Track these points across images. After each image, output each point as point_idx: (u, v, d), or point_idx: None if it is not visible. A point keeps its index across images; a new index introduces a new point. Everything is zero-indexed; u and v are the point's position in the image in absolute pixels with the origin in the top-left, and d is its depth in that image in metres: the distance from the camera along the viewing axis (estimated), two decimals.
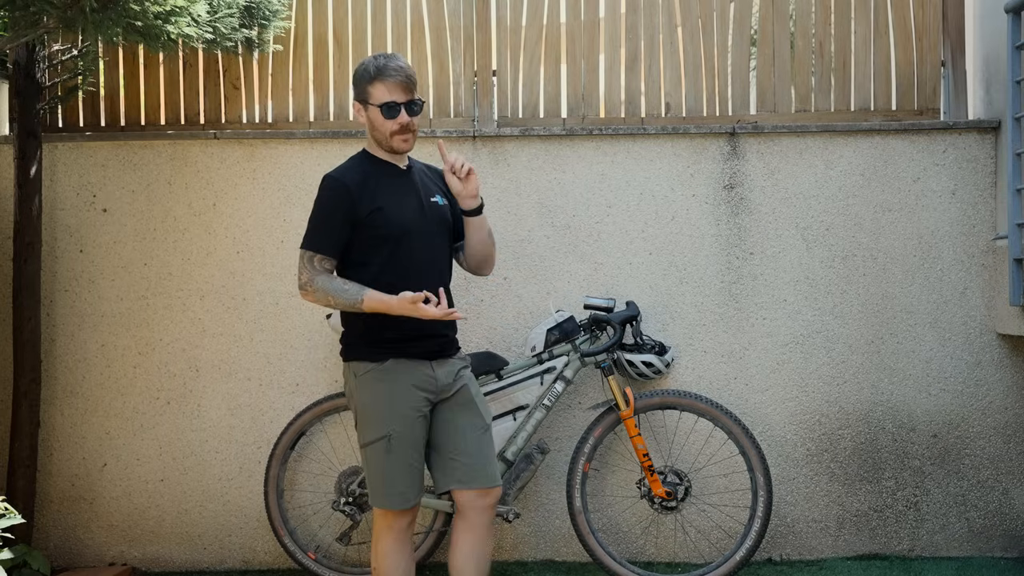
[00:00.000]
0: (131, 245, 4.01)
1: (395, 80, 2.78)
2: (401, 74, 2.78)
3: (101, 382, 4.00)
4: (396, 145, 2.84)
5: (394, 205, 2.83)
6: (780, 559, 3.93)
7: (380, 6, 4.16)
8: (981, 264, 3.92)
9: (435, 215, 2.91)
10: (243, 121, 4.16)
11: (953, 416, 3.92)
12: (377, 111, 2.80)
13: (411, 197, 2.88)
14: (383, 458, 2.79)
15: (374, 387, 2.81)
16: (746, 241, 3.95)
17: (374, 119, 2.82)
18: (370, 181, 2.83)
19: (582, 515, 3.65)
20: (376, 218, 2.79)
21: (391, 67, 2.78)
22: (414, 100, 2.81)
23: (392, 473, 2.79)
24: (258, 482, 3.97)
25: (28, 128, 3.80)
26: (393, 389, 2.79)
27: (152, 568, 4.00)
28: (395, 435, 2.78)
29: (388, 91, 2.78)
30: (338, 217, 2.80)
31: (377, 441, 2.79)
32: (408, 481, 2.80)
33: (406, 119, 2.80)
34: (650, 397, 3.71)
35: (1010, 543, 3.91)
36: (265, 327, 3.98)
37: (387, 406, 2.79)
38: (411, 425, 2.79)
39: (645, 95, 4.13)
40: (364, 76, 2.82)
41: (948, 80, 4.09)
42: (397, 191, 2.86)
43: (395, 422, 2.78)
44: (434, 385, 2.84)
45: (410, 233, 2.83)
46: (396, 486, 2.79)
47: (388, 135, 2.82)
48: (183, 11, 3.24)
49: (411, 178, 2.92)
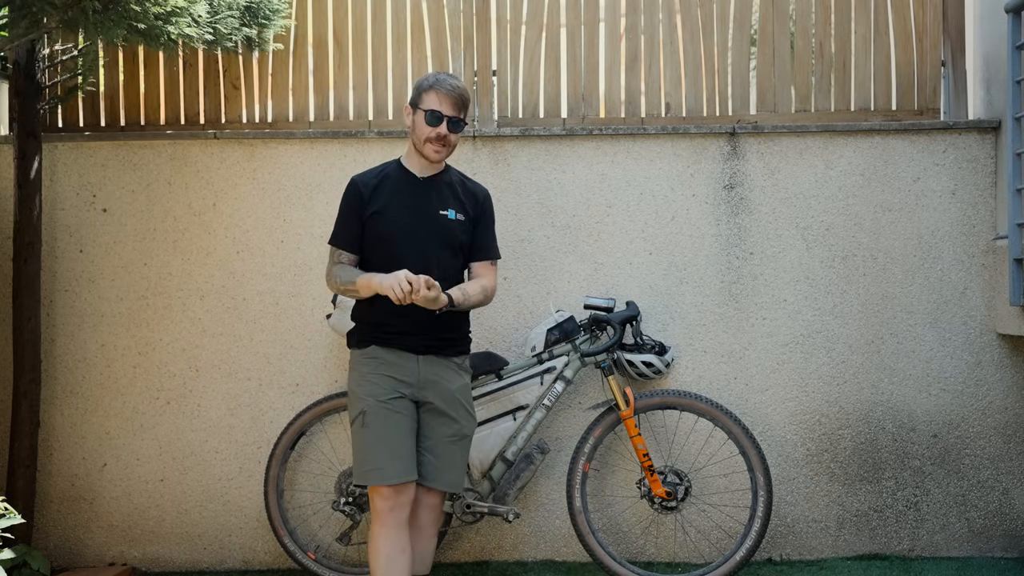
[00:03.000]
0: (131, 245, 4.01)
1: (448, 94, 2.95)
2: (456, 92, 2.96)
3: (101, 382, 4.00)
4: (427, 152, 2.97)
5: (395, 209, 2.97)
6: (780, 559, 3.93)
7: (380, 6, 4.16)
8: (981, 264, 3.92)
9: (439, 226, 3.00)
10: (243, 121, 4.16)
11: (953, 416, 3.92)
12: (422, 115, 2.96)
13: (418, 204, 2.99)
14: (360, 433, 2.91)
15: (356, 369, 3.00)
16: (746, 241, 3.95)
17: (417, 122, 2.98)
18: (384, 185, 3.01)
19: (582, 515, 3.65)
20: (375, 220, 2.97)
21: (449, 82, 2.97)
22: (460, 118, 2.98)
23: (369, 447, 2.88)
24: (258, 482, 3.97)
25: (28, 128, 3.80)
26: (370, 371, 2.95)
27: (152, 568, 4.00)
28: (369, 411, 2.90)
29: (438, 101, 2.95)
30: (350, 214, 3.01)
31: (356, 418, 2.94)
32: (385, 456, 2.86)
33: (444, 132, 2.95)
34: (650, 397, 3.71)
35: (1010, 543, 3.91)
36: (265, 327, 3.98)
37: (363, 385, 2.94)
38: (388, 403, 2.90)
39: (645, 95, 4.13)
40: (423, 82, 2.99)
41: (948, 80, 4.09)
42: (405, 197, 2.99)
43: (369, 399, 2.91)
44: (415, 378, 2.95)
45: (403, 237, 2.96)
46: (373, 460, 2.87)
47: (423, 140, 2.96)
48: (184, 11, 3.24)
49: (426, 187, 3.03)
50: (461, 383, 3.05)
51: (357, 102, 4.14)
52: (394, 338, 2.95)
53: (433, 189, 3.03)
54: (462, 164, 3.95)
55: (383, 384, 2.92)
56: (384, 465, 2.86)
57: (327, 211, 3.90)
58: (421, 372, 2.96)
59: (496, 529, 3.95)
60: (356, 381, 2.99)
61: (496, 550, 3.95)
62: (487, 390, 3.67)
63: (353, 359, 3.04)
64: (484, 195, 3.15)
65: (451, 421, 2.99)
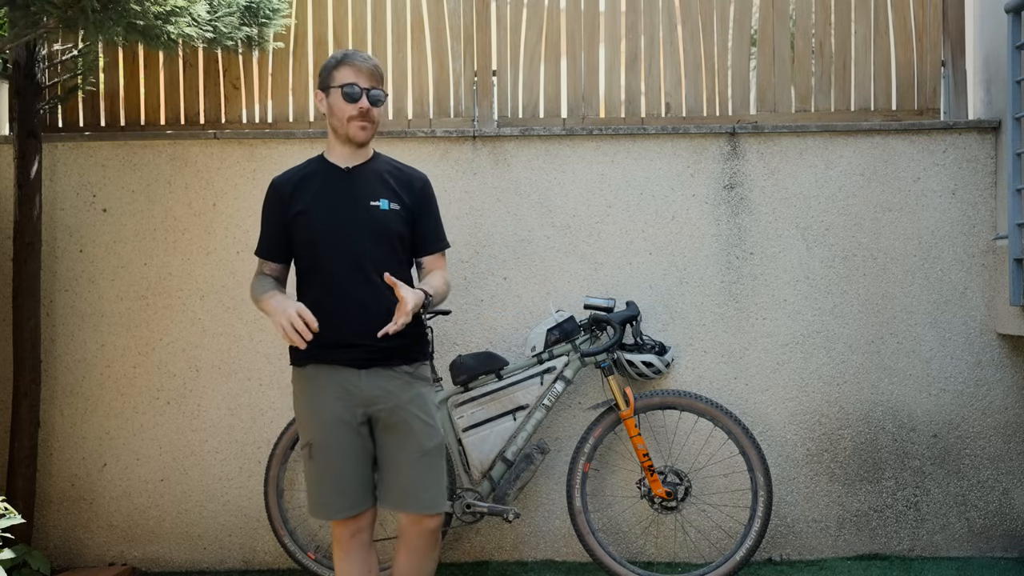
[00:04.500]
0: (131, 245, 4.01)
1: (361, 66, 2.72)
2: (368, 63, 2.73)
3: (101, 382, 4.00)
4: (353, 133, 2.73)
5: (321, 208, 2.73)
6: (780, 559, 3.93)
7: (380, 6, 4.16)
8: (981, 264, 3.92)
9: (370, 218, 2.73)
10: (243, 121, 4.16)
11: (953, 416, 3.92)
12: (338, 94, 2.72)
13: (345, 199, 2.74)
14: (308, 465, 2.74)
15: (297, 393, 2.78)
16: (746, 241, 3.95)
17: (334, 104, 2.74)
18: (306, 183, 2.77)
19: (582, 515, 3.65)
20: (299, 221, 2.74)
21: (359, 55, 2.74)
22: (377, 89, 2.73)
23: (318, 480, 2.71)
24: (258, 482, 3.97)
25: (28, 128, 3.80)
26: (312, 396, 2.72)
27: (152, 568, 4.00)
28: (316, 443, 2.71)
29: (353, 74, 2.71)
30: (271, 219, 2.81)
31: (304, 447, 2.75)
32: (332, 491, 2.69)
33: (366, 105, 2.71)
34: (650, 397, 3.71)
35: (1010, 543, 3.91)
36: (265, 327, 3.98)
37: (307, 413, 2.73)
38: (333, 433, 2.68)
39: (645, 95, 4.13)
40: (330, 62, 2.76)
41: (948, 80, 4.09)
42: (330, 193, 2.75)
43: (315, 429, 2.71)
44: (359, 395, 2.69)
45: (331, 237, 2.71)
46: (322, 495, 2.71)
47: (346, 120, 2.72)
48: (183, 11, 3.24)
49: (352, 180, 2.77)
50: (413, 393, 2.74)
51: None
52: (331, 353, 2.68)
53: (361, 179, 2.77)
54: (462, 164, 3.95)
55: (326, 410, 2.68)
56: (332, 500, 2.70)
57: None
58: (365, 388, 2.69)
59: (496, 529, 3.95)
60: (299, 407, 2.76)
61: (496, 550, 3.95)
62: (487, 390, 3.67)
63: (294, 379, 2.79)
64: (422, 181, 2.87)
65: (408, 437, 2.71)
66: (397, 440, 2.72)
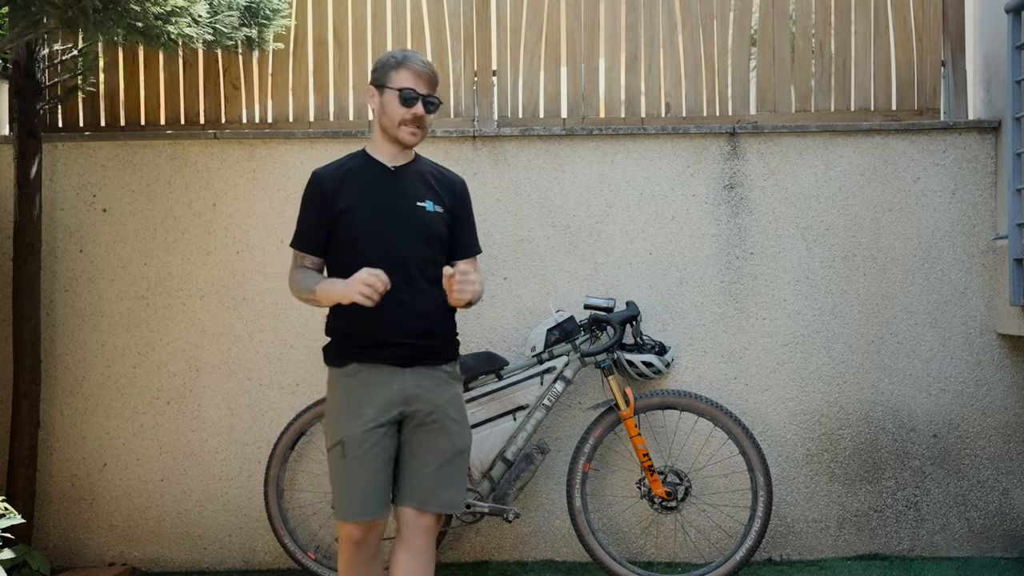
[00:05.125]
0: (131, 245, 4.01)
1: (421, 71, 2.69)
2: (428, 68, 2.71)
3: (101, 382, 4.00)
4: (402, 136, 2.70)
5: (366, 207, 2.69)
6: (780, 559, 3.93)
7: (380, 6, 4.16)
8: (981, 264, 3.92)
9: (416, 219, 2.72)
10: (243, 121, 4.16)
11: (953, 416, 3.92)
12: (394, 96, 2.68)
13: (391, 199, 2.72)
14: (336, 465, 2.66)
15: (336, 392, 2.72)
16: (746, 241, 3.95)
17: (388, 104, 2.70)
18: (350, 179, 2.72)
19: (582, 515, 3.65)
20: (344, 218, 2.69)
21: (420, 59, 2.71)
22: (433, 96, 2.72)
23: (346, 482, 2.65)
24: (258, 482, 3.97)
25: (28, 128, 3.80)
26: (352, 395, 2.67)
27: (152, 568, 4.00)
28: (349, 441, 2.64)
29: (411, 79, 2.68)
30: (313, 214, 2.74)
31: (334, 447, 2.67)
32: (361, 493, 2.63)
33: (421, 111, 2.69)
34: (650, 397, 3.71)
35: (1010, 543, 3.91)
36: (265, 327, 3.98)
37: (345, 412, 2.67)
38: (368, 434, 2.63)
39: (645, 95, 4.13)
40: (390, 61, 2.71)
41: (948, 80, 4.09)
42: (376, 192, 2.71)
43: (350, 428, 2.64)
44: (400, 394, 2.66)
45: (377, 236, 2.68)
46: (348, 496, 2.65)
47: (397, 123, 2.69)
48: (183, 11, 3.24)
49: (398, 179, 2.75)
50: (452, 393, 2.75)
51: (357, 102, 4.14)
52: (376, 351, 2.66)
53: (406, 179, 2.74)
54: (462, 164, 3.95)
55: (365, 410, 2.64)
56: (362, 500, 2.63)
57: None
58: (408, 387, 2.66)
59: (496, 529, 3.95)
60: (335, 405, 2.70)
61: (496, 550, 3.95)
62: (487, 390, 3.67)
63: (332, 378, 2.73)
64: (462, 185, 2.86)
65: (443, 437, 2.70)
66: (429, 439, 2.69)
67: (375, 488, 2.65)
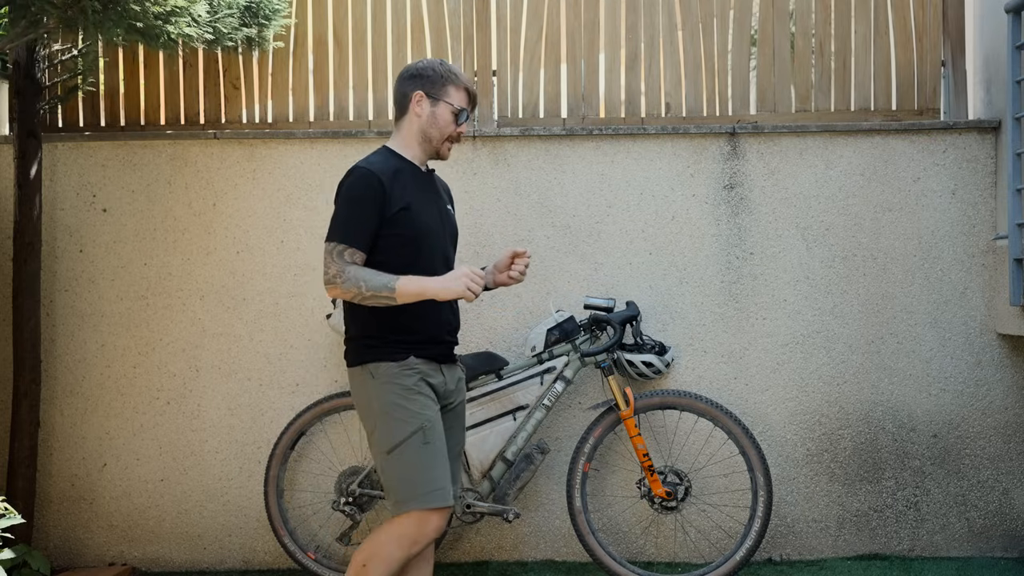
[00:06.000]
0: (131, 245, 4.01)
1: (469, 89, 2.84)
2: (474, 88, 2.87)
3: (101, 382, 4.00)
4: (444, 150, 2.82)
5: (420, 206, 2.74)
6: (780, 559, 3.93)
7: (380, 6, 4.16)
8: (981, 264, 3.92)
9: (449, 223, 2.90)
10: (243, 121, 4.16)
11: (953, 416, 3.92)
12: (448, 111, 2.78)
13: (434, 201, 2.83)
14: (420, 452, 2.64)
15: (401, 383, 2.69)
16: (746, 241, 3.95)
17: (440, 116, 2.77)
18: (401, 177, 2.73)
19: (582, 515, 3.65)
20: (402, 217, 2.69)
21: (466, 76, 2.84)
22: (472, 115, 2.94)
23: (432, 466, 2.64)
24: (258, 482, 3.97)
25: (28, 128, 3.80)
26: (419, 383, 2.70)
27: (152, 568, 4.00)
28: (429, 425, 2.66)
29: (467, 100, 2.82)
30: (370, 209, 2.67)
31: (412, 436, 2.65)
32: (445, 475, 2.67)
33: (465, 129, 2.84)
34: (650, 397, 3.71)
35: (1010, 543, 3.91)
36: (265, 327, 3.98)
37: (416, 398, 2.68)
38: (438, 417, 2.72)
39: (645, 95, 4.13)
40: (447, 75, 2.79)
41: (948, 80, 4.09)
42: (423, 192, 2.79)
43: (427, 411, 2.68)
44: (443, 388, 2.79)
45: (430, 237, 2.77)
46: (437, 481, 2.64)
47: (444, 136, 2.79)
48: (183, 11, 3.24)
49: (431, 182, 2.87)
50: (464, 391, 2.96)
51: (357, 102, 4.14)
52: (425, 347, 2.74)
53: (435, 183, 2.89)
54: (462, 164, 3.95)
55: (430, 398, 2.72)
56: (446, 485, 2.66)
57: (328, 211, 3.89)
58: (448, 381, 2.81)
59: (496, 529, 3.95)
60: (401, 395, 2.68)
61: (496, 550, 3.95)
62: (487, 390, 3.67)
63: (385, 373, 2.69)
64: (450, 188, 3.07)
65: (459, 431, 2.90)
66: (455, 431, 2.88)
67: (452, 472, 2.81)
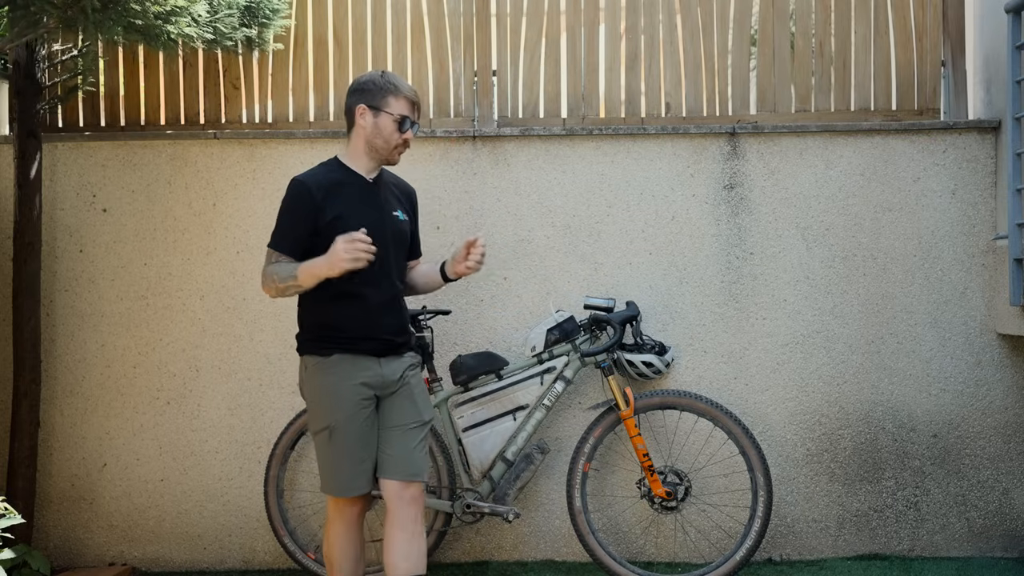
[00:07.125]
0: (131, 245, 4.01)
1: (411, 99, 2.98)
2: (415, 96, 3.00)
3: (101, 382, 4.00)
4: (394, 158, 3.00)
5: (354, 215, 2.90)
6: (780, 559, 3.93)
7: (380, 6, 4.16)
8: (981, 264, 3.92)
9: (394, 229, 3.01)
10: (243, 121, 4.16)
11: (953, 416, 3.92)
12: (390, 121, 2.94)
13: (373, 209, 2.96)
14: (327, 448, 2.92)
15: (320, 379, 2.93)
16: (746, 241, 3.95)
17: (383, 127, 2.95)
18: (336, 189, 2.93)
19: (582, 515, 3.65)
20: (335, 226, 2.86)
21: (409, 87, 3.00)
22: (417, 121, 3.02)
23: (335, 462, 2.92)
24: (258, 482, 3.97)
25: (28, 128, 3.80)
26: (336, 382, 2.91)
27: (152, 568, 4.00)
28: (336, 426, 2.89)
29: (408, 108, 2.97)
30: (299, 218, 2.90)
31: (322, 431, 2.92)
32: (351, 471, 2.91)
33: (410, 136, 2.99)
34: (650, 397, 3.71)
35: (1010, 543, 3.91)
36: (265, 327, 3.98)
37: (330, 398, 2.91)
38: (353, 417, 2.90)
39: (645, 95, 4.13)
40: (385, 87, 2.95)
41: (948, 80, 4.09)
42: (360, 202, 2.95)
43: (337, 413, 2.90)
44: (379, 380, 2.94)
45: None
46: (339, 475, 2.92)
47: (392, 146, 2.97)
48: (183, 11, 3.25)
49: (376, 190, 3.01)
50: (415, 373, 3.07)
51: None
52: (356, 344, 2.91)
53: (381, 191, 3.02)
54: (462, 164, 3.96)
55: (350, 396, 2.90)
56: (350, 478, 2.92)
57: None
58: (384, 373, 2.95)
59: (496, 529, 3.95)
60: (320, 392, 2.93)
61: (496, 550, 3.95)
62: (487, 390, 3.67)
63: (313, 367, 2.95)
64: (414, 193, 3.20)
65: (411, 406, 2.99)
66: (399, 408, 2.98)
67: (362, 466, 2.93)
